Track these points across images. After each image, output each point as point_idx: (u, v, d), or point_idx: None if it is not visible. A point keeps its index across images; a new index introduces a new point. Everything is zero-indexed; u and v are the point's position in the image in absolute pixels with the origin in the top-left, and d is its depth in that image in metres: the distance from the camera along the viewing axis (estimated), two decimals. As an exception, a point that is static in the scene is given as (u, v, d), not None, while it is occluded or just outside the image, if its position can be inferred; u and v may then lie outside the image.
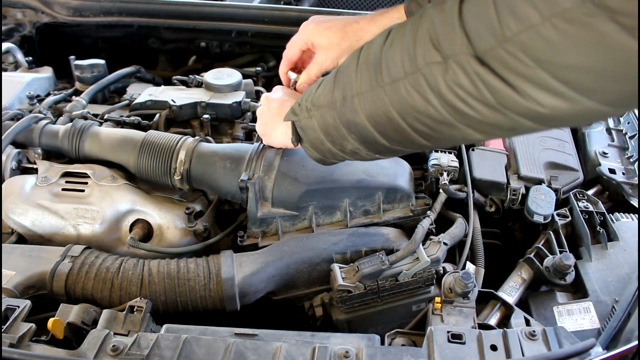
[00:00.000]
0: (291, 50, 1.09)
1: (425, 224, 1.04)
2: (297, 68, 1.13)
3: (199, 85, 1.47)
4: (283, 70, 1.13)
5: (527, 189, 1.19)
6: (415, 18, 0.63)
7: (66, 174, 1.15)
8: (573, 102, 0.50)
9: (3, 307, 0.84)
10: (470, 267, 1.08)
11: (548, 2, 0.45)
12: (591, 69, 0.47)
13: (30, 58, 1.65)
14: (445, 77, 0.57)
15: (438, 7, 0.59)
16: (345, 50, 1.01)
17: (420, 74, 0.60)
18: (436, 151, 1.20)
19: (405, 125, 0.67)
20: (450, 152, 1.21)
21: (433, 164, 1.17)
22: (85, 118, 1.31)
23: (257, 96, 1.48)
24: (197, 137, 1.17)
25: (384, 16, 1.01)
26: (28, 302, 0.86)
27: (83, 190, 1.12)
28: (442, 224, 1.13)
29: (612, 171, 1.29)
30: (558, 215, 1.16)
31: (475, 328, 0.87)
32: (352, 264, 0.98)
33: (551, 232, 1.12)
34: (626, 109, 1.29)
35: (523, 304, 1.02)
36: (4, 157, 1.18)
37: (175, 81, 1.54)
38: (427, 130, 0.66)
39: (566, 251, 1.06)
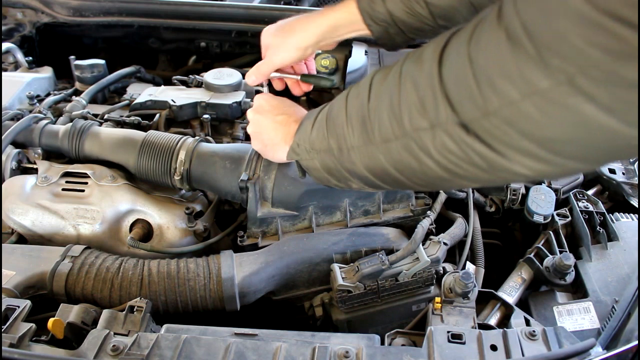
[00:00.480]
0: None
1: (425, 224, 1.04)
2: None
3: (199, 85, 1.47)
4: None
5: (527, 189, 1.19)
6: (395, 71, 0.63)
7: (66, 174, 1.15)
8: (559, 165, 0.51)
9: (3, 307, 0.84)
10: (470, 267, 1.08)
11: (525, 81, 0.45)
12: (576, 142, 0.47)
13: (30, 58, 1.65)
14: (435, 143, 0.57)
15: (417, 65, 0.58)
16: (293, 49, 1.00)
17: (410, 138, 0.61)
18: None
19: (404, 179, 0.69)
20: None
21: (433, 164, 1.17)
22: (85, 118, 1.31)
23: (257, 96, 1.48)
24: (197, 137, 1.17)
25: (336, 10, 0.99)
26: (28, 302, 0.86)
27: (83, 190, 1.12)
28: (442, 224, 1.13)
29: (612, 171, 1.29)
30: (558, 215, 1.16)
31: (475, 328, 0.87)
32: (352, 264, 0.98)
33: (551, 232, 1.12)
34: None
35: (523, 304, 1.02)
36: (4, 157, 1.18)
37: (175, 81, 1.54)
38: (424, 183, 0.69)
39: (566, 251, 1.06)
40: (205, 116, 1.32)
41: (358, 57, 1.51)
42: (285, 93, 1.16)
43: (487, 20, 0.49)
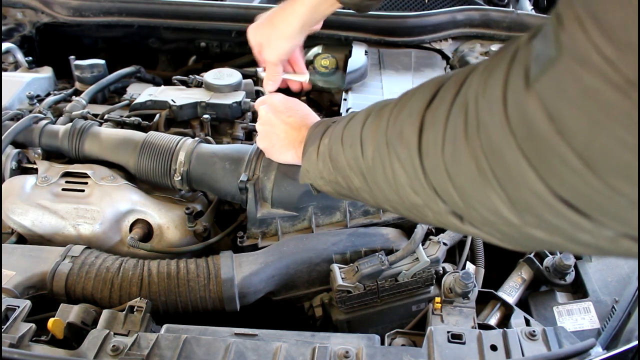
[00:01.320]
0: (256, 53, 1.10)
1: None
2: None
3: (199, 85, 1.47)
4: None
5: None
6: (381, 136, 0.61)
7: (66, 174, 1.15)
8: None
9: (3, 307, 0.84)
10: (470, 267, 1.08)
11: (499, 215, 0.46)
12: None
13: (30, 58, 1.65)
14: (434, 217, 0.58)
15: (400, 144, 0.57)
16: (282, 40, 1.03)
17: (410, 206, 0.61)
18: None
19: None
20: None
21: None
22: (85, 118, 1.31)
23: (257, 96, 1.48)
24: (196, 138, 1.17)
25: None
26: (28, 302, 0.86)
27: (83, 190, 1.12)
28: (442, 224, 1.13)
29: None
30: (558, 215, 1.16)
31: (475, 328, 0.87)
32: (351, 264, 0.98)
33: (551, 232, 1.12)
34: None
35: (523, 304, 1.02)
36: (4, 157, 1.18)
37: (175, 81, 1.54)
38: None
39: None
40: (205, 116, 1.32)
41: (358, 57, 1.51)
42: (286, 90, 1.16)
43: (457, 130, 0.47)
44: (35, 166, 1.20)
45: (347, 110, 1.32)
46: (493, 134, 0.43)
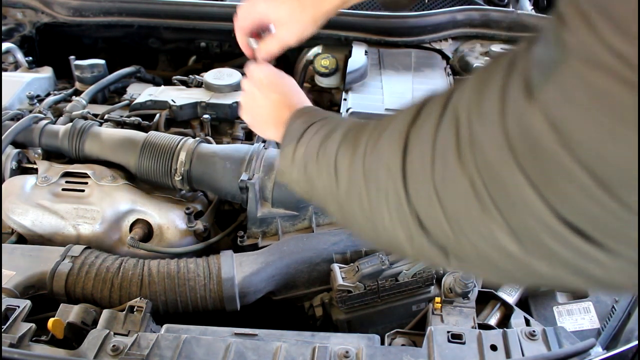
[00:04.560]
0: (244, 23, 0.95)
1: (425, 224, 1.04)
2: (257, 34, 1.01)
3: (199, 85, 1.47)
4: (242, 41, 0.96)
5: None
6: (359, 163, 0.54)
7: (66, 174, 1.15)
8: None
9: (3, 307, 0.84)
10: (470, 267, 1.08)
11: (496, 243, 0.41)
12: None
13: (30, 58, 1.65)
14: (413, 252, 0.53)
15: (381, 168, 0.51)
16: (308, 24, 0.90)
17: (389, 241, 0.56)
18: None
19: None
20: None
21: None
22: (85, 118, 1.31)
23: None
24: (197, 138, 1.17)
25: None
26: (28, 302, 0.86)
27: (83, 190, 1.12)
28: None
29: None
30: (558, 215, 1.16)
31: (475, 328, 0.87)
32: (352, 264, 0.98)
33: (551, 232, 1.12)
34: None
35: (523, 304, 1.02)
36: (4, 157, 1.18)
37: (175, 81, 1.54)
38: None
39: (566, 251, 1.06)
40: (205, 116, 1.32)
41: (358, 57, 1.51)
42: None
43: (448, 148, 0.43)
44: (35, 166, 1.20)
45: (347, 110, 1.32)
46: (488, 150, 0.39)
